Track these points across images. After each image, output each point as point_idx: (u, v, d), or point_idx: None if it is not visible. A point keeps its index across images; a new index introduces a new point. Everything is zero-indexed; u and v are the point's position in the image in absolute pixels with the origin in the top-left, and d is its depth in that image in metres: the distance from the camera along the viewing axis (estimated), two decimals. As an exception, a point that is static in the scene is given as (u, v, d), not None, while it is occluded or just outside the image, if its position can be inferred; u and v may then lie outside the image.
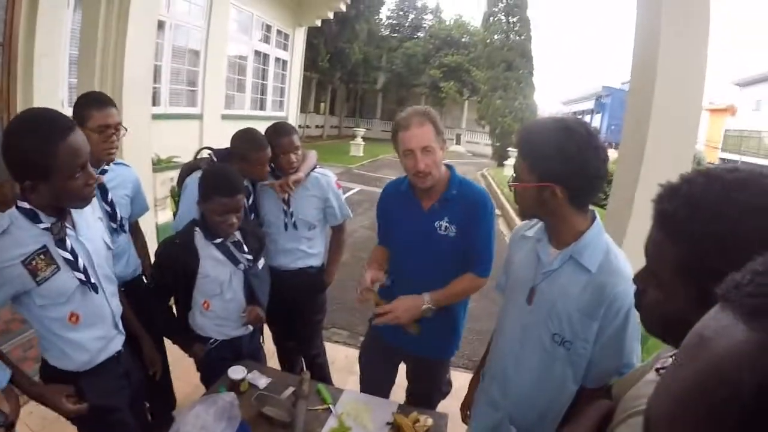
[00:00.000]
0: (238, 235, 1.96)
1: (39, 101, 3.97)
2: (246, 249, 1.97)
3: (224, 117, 7.70)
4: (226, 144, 2.31)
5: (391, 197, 2.05)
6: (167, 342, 2.18)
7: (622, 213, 2.55)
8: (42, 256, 1.37)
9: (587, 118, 42.19)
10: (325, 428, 1.63)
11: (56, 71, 4.32)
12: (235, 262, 1.93)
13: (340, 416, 1.69)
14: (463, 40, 27.45)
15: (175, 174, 4.91)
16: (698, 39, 2.38)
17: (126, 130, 2.00)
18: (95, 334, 1.54)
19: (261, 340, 2.27)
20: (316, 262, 2.50)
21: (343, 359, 3.43)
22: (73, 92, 4.61)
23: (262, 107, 9.66)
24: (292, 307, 2.44)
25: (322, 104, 27.19)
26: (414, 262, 1.92)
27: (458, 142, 27.97)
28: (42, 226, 1.37)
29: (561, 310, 1.29)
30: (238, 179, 1.89)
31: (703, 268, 0.61)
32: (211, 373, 1.96)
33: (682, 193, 0.71)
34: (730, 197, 0.66)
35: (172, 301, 2.04)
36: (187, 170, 2.29)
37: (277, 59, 9.90)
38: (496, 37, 21.16)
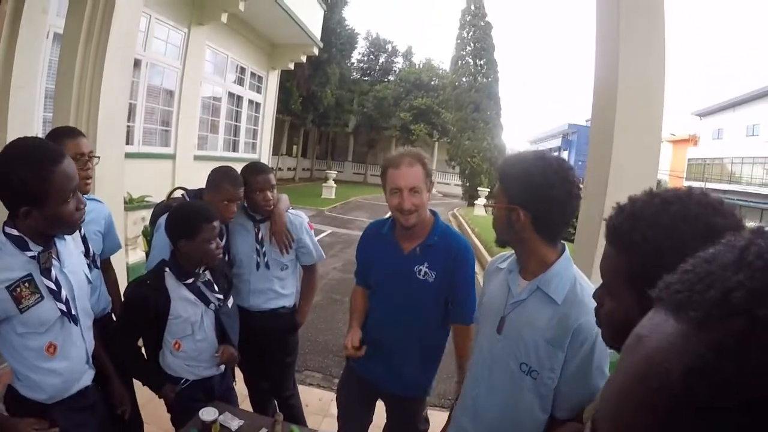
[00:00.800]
0: (208, 275, 1.95)
1: (12, 134, 3.88)
2: (216, 288, 1.96)
3: (197, 158, 7.68)
4: (198, 184, 2.33)
5: (372, 237, 2.08)
6: (136, 383, 2.11)
7: (588, 244, 2.62)
8: (27, 284, 1.36)
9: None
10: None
11: (31, 104, 4.26)
12: (206, 302, 1.92)
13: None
14: (432, 82, 28.38)
15: (147, 213, 4.89)
16: (656, 72, 2.52)
17: (98, 158, 2.04)
18: (69, 367, 1.52)
19: (233, 381, 2.22)
20: (288, 302, 2.49)
21: (317, 402, 3.35)
22: (47, 126, 4.53)
23: (234, 149, 9.68)
24: (264, 347, 2.42)
25: (295, 147, 27.44)
26: (392, 303, 1.94)
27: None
28: (29, 254, 1.37)
29: (528, 340, 1.30)
30: (212, 209, 1.93)
31: (645, 275, 0.65)
32: (183, 415, 1.91)
33: (626, 208, 0.80)
34: (666, 209, 0.75)
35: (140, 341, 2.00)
36: (160, 210, 2.28)
37: (251, 101, 10.00)
38: (464, 79, 21.99)
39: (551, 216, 1.29)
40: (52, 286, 1.42)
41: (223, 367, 2.04)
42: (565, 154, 38.33)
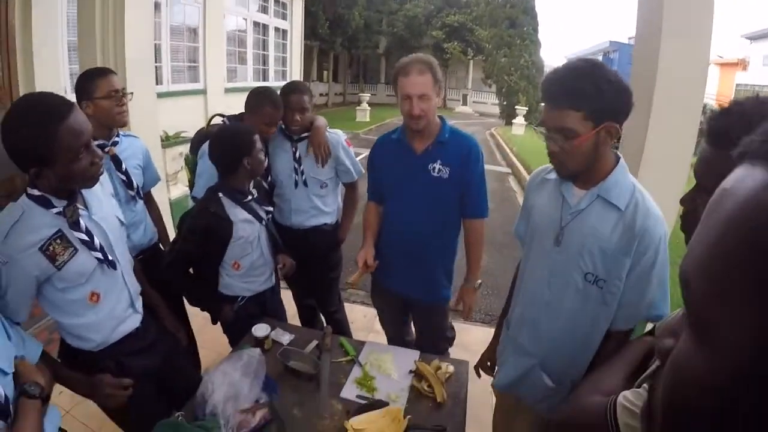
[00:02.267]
0: (255, 191, 2.01)
1: (41, 88, 3.95)
2: (264, 203, 2.05)
3: (228, 90, 7.66)
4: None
5: (382, 147, 2.14)
6: (189, 311, 2.27)
7: (631, 163, 2.55)
8: (58, 241, 1.37)
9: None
10: (350, 378, 1.71)
11: (56, 60, 4.32)
12: (259, 218, 2.00)
13: (364, 366, 1.77)
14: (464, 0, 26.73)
15: (184, 148, 4.99)
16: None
17: (132, 94, 2.08)
18: (114, 312, 1.57)
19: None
20: (330, 219, 2.55)
21: (362, 319, 3.53)
22: (75, 79, 4.58)
23: (265, 78, 9.57)
24: (309, 265, 2.50)
25: (325, 72, 26.82)
26: (409, 205, 2.00)
27: (465, 103, 27.61)
28: (54, 210, 1.37)
29: (593, 249, 1.27)
30: (251, 131, 1.95)
31: None
32: (239, 333, 2.03)
33: (734, 111, 0.79)
34: None
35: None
36: (201, 138, 2.34)
37: (277, 29, 9.74)
38: (499, -7, 20.60)
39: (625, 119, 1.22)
40: (84, 237, 1.43)
41: (273, 279, 2.15)
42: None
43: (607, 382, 0.98)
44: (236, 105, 2.35)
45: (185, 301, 2.23)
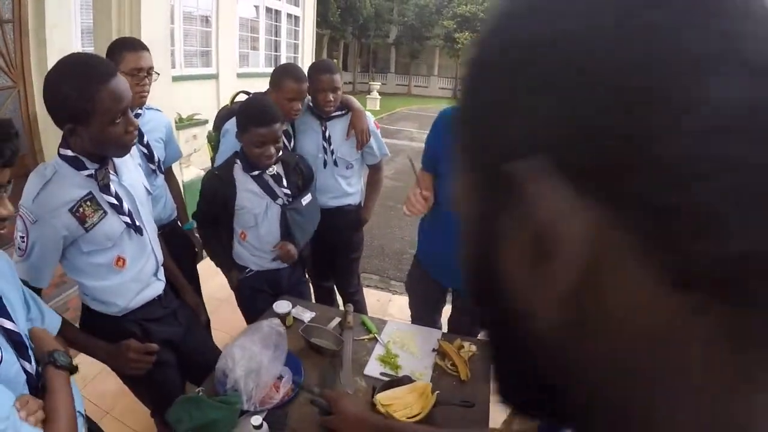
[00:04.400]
0: (277, 169, 1.97)
1: None
2: (285, 183, 1.99)
3: (240, 75, 7.66)
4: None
5: (442, 123, 1.98)
6: (204, 293, 2.27)
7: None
8: (88, 203, 1.36)
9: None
10: (373, 356, 1.69)
11: (69, 42, 4.26)
12: (273, 196, 1.96)
13: (387, 344, 1.74)
14: (476, -13, 26.40)
15: (198, 130, 5.01)
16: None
17: (158, 74, 2.02)
18: (139, 277, 1.56)
19: (304, 277, 2.32)
20: (354, 200, 2.53)
21: (375, 302, 3.50)
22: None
23: (276, 64, 9.51)
24: (331, 245, 2.48)
25: (335, 61, 26.59)
26: None
27: (474, 93, 27.40)
28: (86, 172, 1.36)
29: None
30: (274, 108, 1.87)
31: None
32: (249, 304, 2.07)
33: None
34: None
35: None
36: (225, 115, 2.31)
37: (289, 15, 9.68)
38: (511, -18, 20.32)
39: None
40: (113, 201, 1.42)
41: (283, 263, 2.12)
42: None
43: None
44: (249, 89, 2.32)
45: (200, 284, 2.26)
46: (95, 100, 1.25)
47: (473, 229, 0.30)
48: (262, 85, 2.49)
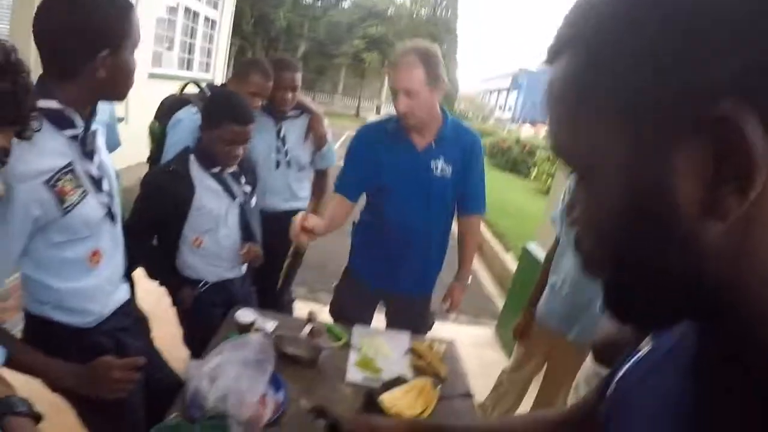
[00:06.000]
0: (235, 166, 1.85)
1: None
2: (244, 180, 1.88)
3: (151, 75, 7.15)
4: (154, 103, 2.20)
5: (373, 139, 1.93)
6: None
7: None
8: (69, 177, 1.08)
9: (503, 96, 44.20)
10: (350, 362, 1.66)
11: None
12: (232, 195, 1.83)
13: (361, 349, 1.73)
14: (389, 12, 27.32)
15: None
16: None
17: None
18: (112, 277, 1.33)
19: (251, 285, 2.16)
20: (302, 205, 2.47)
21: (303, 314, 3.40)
22: None
23: (189, 67, 9.07)
24: (274, 251, 2.27)
25: (228, 79, 25.88)
26: (409, 205, 1.88)
27: (378, 112, 28.04)
28: (70, 133, 1.10)
29: None
30: (250, 108, 1.79)
31: None
32: (200, 322, 1.84)
33: None
34: None
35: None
36: (171, 104, 2.12)
37: (206, 18, 9.30)
38: (423, 11, 21.42)
39: None
40: (96, 173, 1.17)
41: (244, 268, 1.99)
42: (513, 95, 38.88)
43: None
44: (158, 92, 2.18)
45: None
46: (131, 21, 1.10)
47: (628, 169, 0.34)
48: (171, 89, 2.34)
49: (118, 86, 1.15)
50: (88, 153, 1.16)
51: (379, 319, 2.22)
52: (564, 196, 2.00)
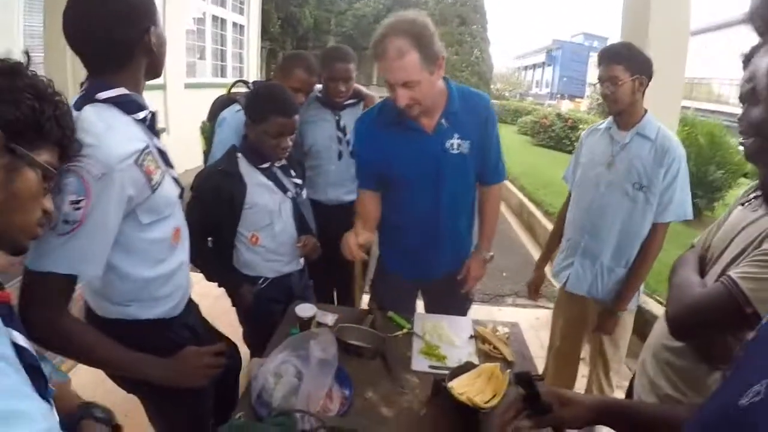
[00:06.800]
0: (283, 160, 1.82)
1: None
2: (293, 173, 1.86)
3: (187, 86, 7.35)
4: (190, 112, 2.19)
5: (375, 129, 1.73)
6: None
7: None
8: (150, 156, 1.09)
9: (539, 72, 42.95)
10: (414, 350, 1.61)
11: (11, 46, 3.97)
12: (284, 189, 1.82)
13: (425, 337, 1.68)
14: (413, -2, 26.96)
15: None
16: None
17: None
18: (185, 259, 1.32)
19: (309, 279, 2.15)
20: None
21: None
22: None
23: (223, 74, 9.26)
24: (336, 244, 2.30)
25: (273, 73, 26.33)
26: (428, 192, 1.72)
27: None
28: (140, 115, 1.10)
29: (637, 166, 1.85)
30: (294, 99, 1.77)
31: None
32: (259, 320, 1.85)
33: None
34: None
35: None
36: (221, 104, 2.13)
37: (234, 24, 9.45)
38: (448, -7, 20.99)
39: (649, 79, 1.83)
40: (164, 149, 1.18)
41: (302, 262, 1.98)
42: (549, 70, 37.62)
43: (695, 279, 1.16)
44: (195, 101, 2.17)
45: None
46: None
47: None
48: (210, 96, 2.34)
49: (162, 59, 1.17)
50: (156, 132, 1.18)
51: (419, 306, 2.13)
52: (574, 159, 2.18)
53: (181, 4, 7.04)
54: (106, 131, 1.00)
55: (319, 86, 2.26)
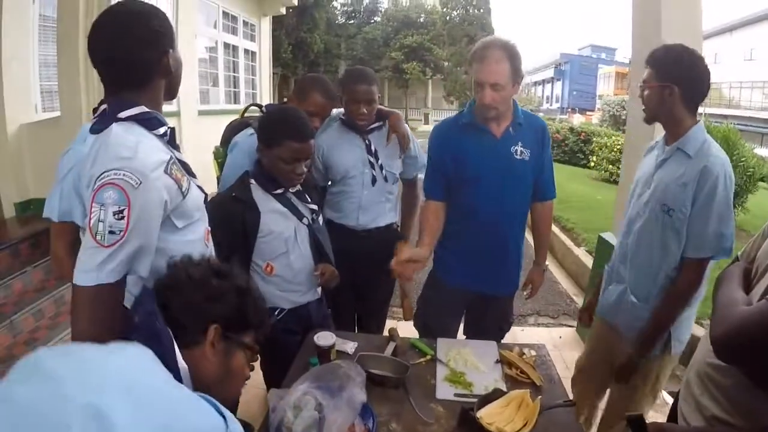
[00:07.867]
0: (298, 185, 1.77)
1: (10, 107, 3.92)
2: (309, 199, 1.80)
3: (201, 113, 7.44)
4: (205, 138, 2.17)
5: (450, 133, 1.98)
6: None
7: (645, 136, 2.61)
8: (175, 166, 1.14)
9: (548, 87, 43.02)
10: (438, 378, 1.55)
11: (27, 74, 4.13)
12: (299, 215, 1.75)
13: (449, 363, 1.62)
14: (420, 19, 27.33)
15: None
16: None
17: None
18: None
19: (327, 308, 2.08)
20: (394, 218, 2.34)
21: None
22: (45, 96, 4.40)
23: (236, 101, 9.38)
24: (370, 270, 2.17)
25: (285, 99, 26.73)
26: (495, 192, 1.89)
27: (427, 122, 27.96)
28: (161, 130, 1.15)
29: (667, 185, 1.61)
30: (309, 123, 1.72)
31: None
32: (276, 352, 1.73)
33: None
34: None
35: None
36: (233, 129, 2.09)
37: (246, 50, 9.61)
38: (455, 13, 21.29)
39: (696, 90, 1.59)
40: (185, 160, 1.23)
41: (319, 290, 1.90)
42: (558, 85, 37.65)
43: (739, 296, 1.09)
44: (209, 128, 2.18)
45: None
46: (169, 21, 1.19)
47: None
48: (223, 122, 2.32)
49: (178, 81, 1.25)
50: (176, 147, 1.24)
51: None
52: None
53: (192, 32, 7.19)
54: (137, 144, 1.06)
55: (335, 110, 2.18)
